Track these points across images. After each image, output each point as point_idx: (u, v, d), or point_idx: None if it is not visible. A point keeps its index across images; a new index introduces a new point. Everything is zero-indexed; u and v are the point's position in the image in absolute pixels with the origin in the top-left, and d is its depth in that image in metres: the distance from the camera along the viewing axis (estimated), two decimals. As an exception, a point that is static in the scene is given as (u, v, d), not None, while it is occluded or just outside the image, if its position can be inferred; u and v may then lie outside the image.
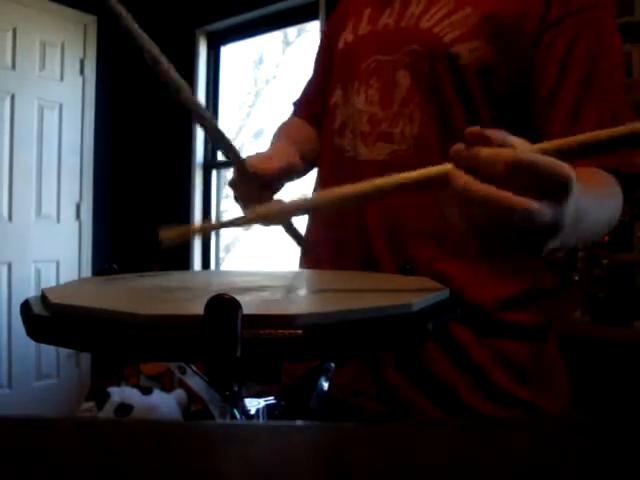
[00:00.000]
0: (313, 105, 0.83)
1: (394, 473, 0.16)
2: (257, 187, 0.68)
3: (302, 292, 0.45)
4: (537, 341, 0.63)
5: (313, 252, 0.75)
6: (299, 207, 0.49)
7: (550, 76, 0.58)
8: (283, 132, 0.83)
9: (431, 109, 0.62)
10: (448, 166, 0.38)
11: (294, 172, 0.74)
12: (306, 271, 0.69)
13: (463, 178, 0.36)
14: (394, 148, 0.63)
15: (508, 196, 0.34)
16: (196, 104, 0.61)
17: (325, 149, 0.75)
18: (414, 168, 0.61)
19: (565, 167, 0.35)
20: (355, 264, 0.64)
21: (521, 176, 0.34)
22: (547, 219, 0.35)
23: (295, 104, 0.90)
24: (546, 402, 0.61)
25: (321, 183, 0.75)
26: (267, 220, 0.54)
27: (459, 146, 0.37)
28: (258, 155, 0.70)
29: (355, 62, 0.69)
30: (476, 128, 0.36)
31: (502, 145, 0.36)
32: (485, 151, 0.35)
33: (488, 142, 0.36)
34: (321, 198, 0.50)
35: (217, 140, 0.65)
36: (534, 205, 0.35)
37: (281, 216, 0.56)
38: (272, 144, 0.79)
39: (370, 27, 0.70)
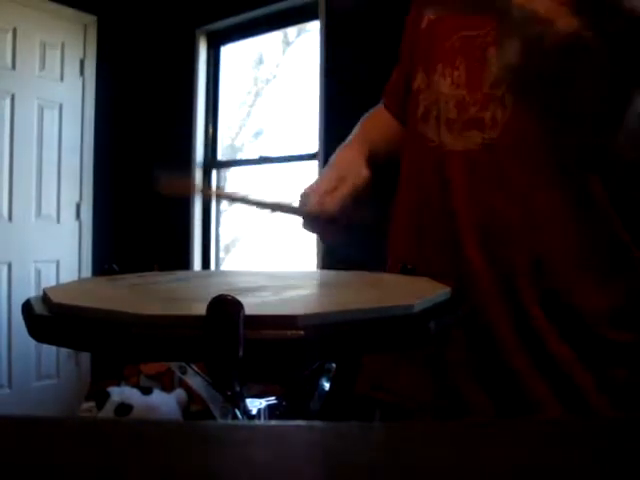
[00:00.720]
0: (399, 92, 0.76)
1: (394, 473, 0.16)
2: (328, 226, 0.63)
3: (303, 292, 0.45)
4: None
5: (394, 251, 0.70)
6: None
7: None
8: (361, 129, 0.77)
9: None
10: None
11: (364, 189, 0.67)
12: (307, 271, 0.69)
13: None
14: (483, 136, 0.57)
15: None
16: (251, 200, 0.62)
17: (409, 138, 0.69)
18: (506, 160, 0.56)
19: None
20: (442, 264, 0.59)
21: None
22: None
23: (384, 91, 0.82)
24: None
25: (403, 175, 0.69)
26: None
27: None
28: (320, 188, 0.64)
29: (438, 41, 0.63)
30: None
31: None
32: None
33: None
34: None
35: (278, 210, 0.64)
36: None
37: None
38: (345, 145, 0.74)
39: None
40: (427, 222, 0.63)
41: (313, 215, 0.62)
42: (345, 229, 0.64)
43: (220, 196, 0.65)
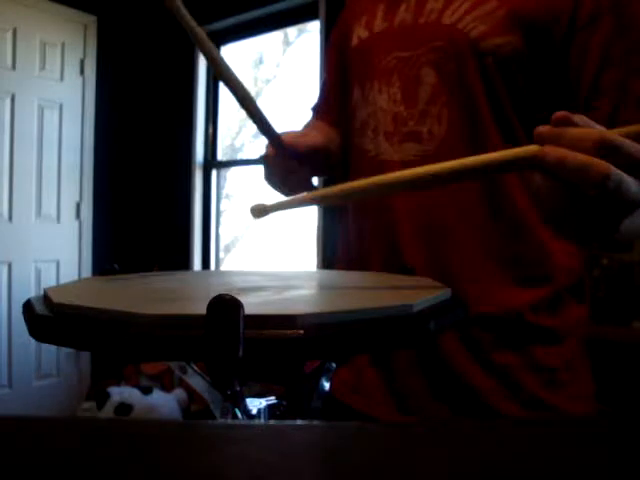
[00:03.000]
0: (331, 108, 0.81)
1: (394, 473, 0.16)
2: (292, 162, 0.66)
3: (303, 292, 0.45)
4: (566, 345, 0.62)
5: (343, 249, 0.74)
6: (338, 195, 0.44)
7: (586, 80, 0.56)
8: (314, 124, 0.81)
9: (459, 108, 0.61)
10: (533, 147, 0.37)
11: (329, 154, 0.72)
12: (307, 271, 0.69)
13: (559, 150, 0.35)
14: (421, 148, 0.62)
15: (603, 163, 0.34)
16: (234, 77, 0.58)
17: (348, 149, 0.73)
18: None
19: None
20: (384, 265, 0.63)
21: (607, 156, 0.34)
22: (633, 189, 0.35)
23: (314, 109, 0.87)
24: (572, 407, 0.60)
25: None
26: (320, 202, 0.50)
27: (545, 127, 0.37)
28: (293, 132, 0.68)
29: (372, 60, 0.67)
30: (563, 112, 0.36)
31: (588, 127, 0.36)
32: (573, 130, 0.35)
33: (574, 125, 0.36)
34: (369, 183, 0.45)
35: (251, 114, 0.62)
36: (624, 174, 0.34)
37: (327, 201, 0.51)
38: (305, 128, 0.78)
39: (386, 24, 0.67)
40: (370, 226, 0.67)
41: (285, 143, 0.64)
42: (301, 175, 0.68)
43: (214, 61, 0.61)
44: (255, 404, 0.38)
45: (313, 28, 2.58)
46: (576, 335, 0.63)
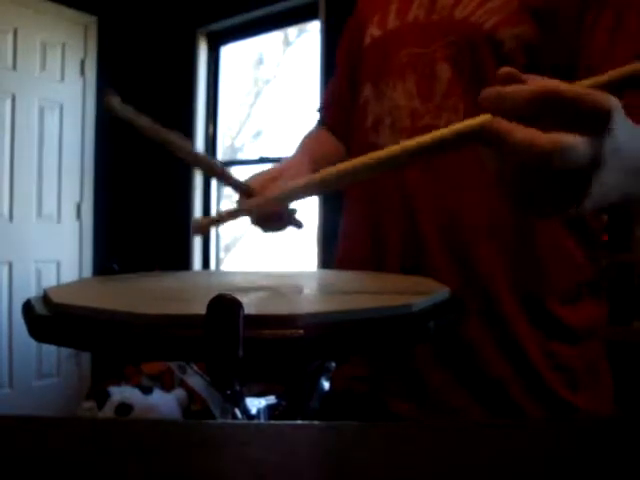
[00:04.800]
0: (340, 108, 0.81)
1: (394, 473, 0.16)
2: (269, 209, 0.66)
3: (303, 292, 0.45)
4: (587, 345, 0.62)
5: (349, 250, 0.73)
6: (307, 187, 0.44)
7: (596, 56, 0.55)
8: (304, 145, 0.81)
9: (475, 99, 0.61)
10: (484, 117, 0.35)
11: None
12: (307, 271, 0.69)
13: (501, 124, 0.33)
14: None
15: (538, 136, 0.31)
16: (192, 153, 0.60)
17: (358, 147, 0.72)
18: (460, 160, 0.60)
19: (604, 96, 0.32)
20: (406, 266, 0.62)
21: (549, 109, 0.32)
22: (583, 155, 0.32)
23: (320, 110, 0.86)
24: (592, 407, 0.60)
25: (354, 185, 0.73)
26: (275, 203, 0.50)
27: (489, 89, 0.34)
28: (263, 175, 0.68)
29: (386, 56, 0.68)
30: (508, 68, 0.34)
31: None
32: (510, 88, 0.33)
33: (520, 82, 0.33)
34: (332, 173, 0.42)
35: (218, 176, 0.63)
36: (568, 139, 0.31)
37: (286, 200, 0.52)
38: (290, 157, 0.77)
39: (399, 21, 0.68)
40: (388, 225, 0.65)
41: (254, 194, 0.65)
42: (274, 217, 0.68)
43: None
44: (255, 404, 0.38)
45: (313, 28, 2.57)
46: (597, 336, 0.63)
